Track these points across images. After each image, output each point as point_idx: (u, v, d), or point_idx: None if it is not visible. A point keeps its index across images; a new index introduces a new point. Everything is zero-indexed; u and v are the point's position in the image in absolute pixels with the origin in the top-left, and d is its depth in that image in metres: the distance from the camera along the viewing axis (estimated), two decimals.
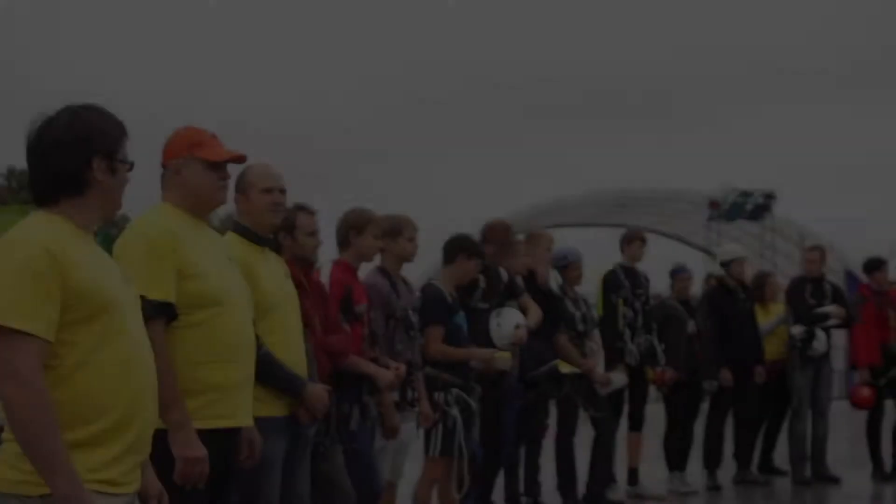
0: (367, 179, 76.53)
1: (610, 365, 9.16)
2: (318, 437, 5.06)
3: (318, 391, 4.61)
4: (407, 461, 6.79)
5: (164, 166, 4.09)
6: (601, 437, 8.84)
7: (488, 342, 7.31)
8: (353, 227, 6.12)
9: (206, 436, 3.78)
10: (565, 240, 9.08)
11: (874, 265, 11.28)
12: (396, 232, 6.48)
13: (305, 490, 4.80)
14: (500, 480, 8.28)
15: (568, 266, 8.96)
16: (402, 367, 6.15)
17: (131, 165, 3.11)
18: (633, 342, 9.26)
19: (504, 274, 7.83)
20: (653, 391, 9.86)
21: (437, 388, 6.74)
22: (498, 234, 7.77)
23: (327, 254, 6.24)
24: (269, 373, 4.35)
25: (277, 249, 5.02)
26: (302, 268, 5.30)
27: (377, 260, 6.47)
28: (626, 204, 43.08)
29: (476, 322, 7.22)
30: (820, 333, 10.48)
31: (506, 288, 7.80)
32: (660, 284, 10.56)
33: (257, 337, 4.19)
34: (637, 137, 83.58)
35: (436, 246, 7.24)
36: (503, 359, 7.08)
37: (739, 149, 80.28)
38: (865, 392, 10.72)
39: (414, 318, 6.48)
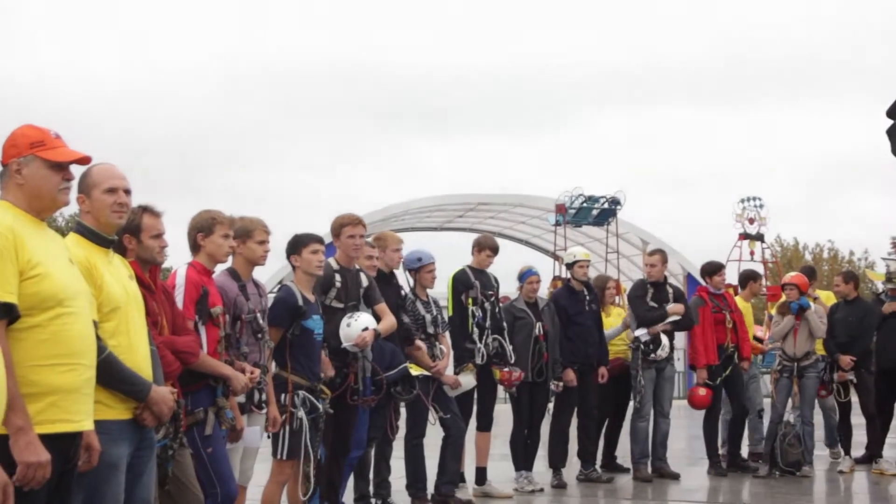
0: (224, 182, 75.62)
1: (459, 364, 9.26)
2: (166, 439, 5.00)
3: (163, 393, 4.54)
4: (256, 463, 6.76)
5: (3, 164, 3.99)
6: (450, 437, 8.93)
7: (338, 339, 7.40)
8: (201, 230, 6.09)
9: (47, 440, 3.70)
10: (418, 243, 9.11)
11: (712, 269, 11.70)
12: (246, 235, 6.46)
13: (151, 494, 4.73)
14: (350, 481, 8.30)
15: (421, 269, 9.03)
16: (257, 371, 6.13)
17: None
18: (483, 342, 9.38)
19: (364, 279, 7.87)
20: (499, 391, 9.98)
21: (285, 389, 6.74)
22: (334, 224, 7.81)
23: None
24: (112, 376, 4.27)
25: (121, 251, 4.95)
26: (148, 269, 5.24)
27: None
28: (475, 208, 43.46)
29: (327, 320, 7.25)
30: (664, 340, 10.83)
31: (365, 292, 7.84)
32: (508, 287, 10.73)
33: (100, 339, 4.13)
34: (487, 142, 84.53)
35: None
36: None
37: (586, 155, 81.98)
38: (703, 392, 11.09)
39: (262, 321, 6.46)
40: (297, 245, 7.05)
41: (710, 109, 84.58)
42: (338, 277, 7.61)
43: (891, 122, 14.40)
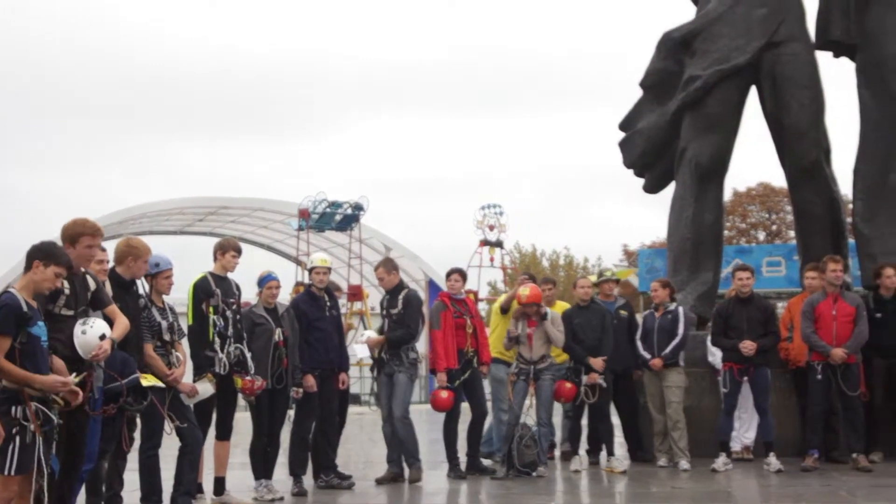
0: None
1: (199, 374, 9.05)
2: None
3: None
4: None
5: None
6: (187, 447, 8.70)
7: (73, 349, 7.03)
8: None
9: None
10: (156, 248, 8.87)
11: (452, 273, 11.91)
12: None
13: None
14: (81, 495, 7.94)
15: (158, 275, 8.79)
16: None
17: None
18: (224, 351, 9.20)
19: (92, 282, 7.53)
20: (239, 399, 9.79)
21: (16, 401, 6.42)
22: (70, 231, 7.41)
23: None
24: None
25: None
26: None
27: None
28: (217, 212, 42.82)
29: (58, 329, 6.92)
30: (358, 349, 11.15)
31: (93, 296, 7.50)
32: (248, 292, 10.56)
33: None
34: (229, 144, 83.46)
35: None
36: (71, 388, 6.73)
37: (330, 160, 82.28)
38: (443, 395, 11.25)
39: None
40: (49, 258, 6.74)
41: (457, 117, 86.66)
42: (66, 284, 7.22)
43: (623, 134, 15.17)
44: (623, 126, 15.04)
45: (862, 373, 11.58)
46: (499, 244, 41.66)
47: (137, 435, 8.68)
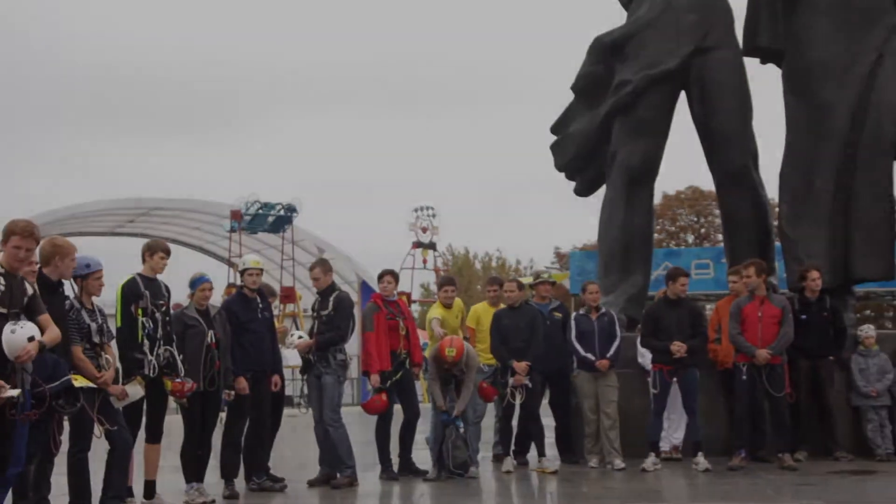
0: None
1: (128, 376, 8.97)
2: None
3: None
4: None
5: None
6: (116, 450, 8.62)
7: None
8: None
9: None
10: (86, 249, 8.77)
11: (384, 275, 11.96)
12: None
13: None
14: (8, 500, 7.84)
15: (88, 276, 8.70)
16: None
17: None
18: (153, 353, 9.13)
19: (29, 288, 7.44)
20: (170, 402, 9.73)
21: None
22: (5, 229, 7.32)
23: None
24: None
25: None
26: None
27: None
28: (148, 213, 42.42)
29: None
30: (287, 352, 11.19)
31: (29, 301, 7.41)
32: (180, 294, 10.49)
33: None
34: (161, 144, 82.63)
35: None
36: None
37: (262, 162, 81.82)
38: (383, 397, 11.24)
39: None
40: None
41: (390, 118, 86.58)
42: (2, 280, 7.14)
43: (554, 137, 15.31)
44: (554, 129, 15.17)
45: (787, 373, 11.80)
46: (432, 246, 41.78)
47: (65, 438, 8.58)
